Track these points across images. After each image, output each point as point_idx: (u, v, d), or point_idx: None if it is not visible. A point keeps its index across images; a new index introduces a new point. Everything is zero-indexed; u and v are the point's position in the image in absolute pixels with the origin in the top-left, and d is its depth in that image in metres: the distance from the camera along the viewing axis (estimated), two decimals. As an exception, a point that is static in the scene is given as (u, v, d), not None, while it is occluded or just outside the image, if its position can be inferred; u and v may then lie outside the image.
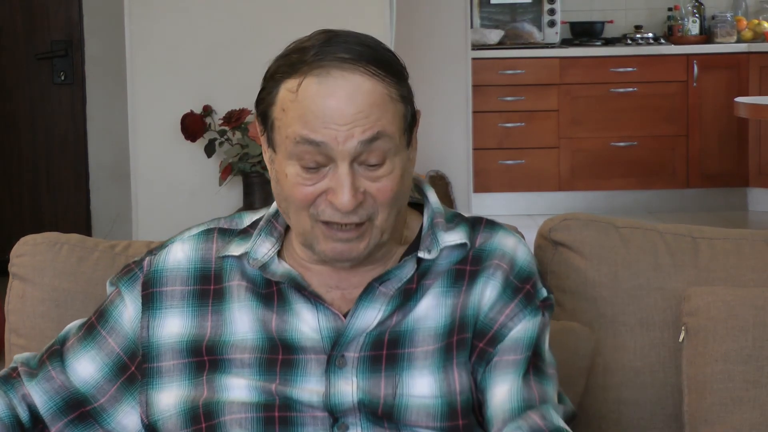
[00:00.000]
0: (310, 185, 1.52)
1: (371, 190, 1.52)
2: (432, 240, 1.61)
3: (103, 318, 1.66)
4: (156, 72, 3.79)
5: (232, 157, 3.61)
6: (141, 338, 1.63)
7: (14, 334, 1.91)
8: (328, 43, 1.52)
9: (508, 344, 1.60)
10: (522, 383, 1.59)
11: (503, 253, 1.63)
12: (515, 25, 7.81)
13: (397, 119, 1.53)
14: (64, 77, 5.81)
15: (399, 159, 1.54)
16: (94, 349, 1.65)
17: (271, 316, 1.59)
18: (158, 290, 1.64)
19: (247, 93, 3.73)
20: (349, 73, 1.50)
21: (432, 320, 1.59)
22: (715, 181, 7.58)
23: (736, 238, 1.99)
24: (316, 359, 1.57)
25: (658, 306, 1.94)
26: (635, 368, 1.92)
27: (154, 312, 1.63)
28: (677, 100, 7.55)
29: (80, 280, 1.89)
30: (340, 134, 1.49)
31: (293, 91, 1.51)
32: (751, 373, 1.84)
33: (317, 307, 1.58)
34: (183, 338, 1.61)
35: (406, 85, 1.56)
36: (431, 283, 1.60)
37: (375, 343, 1.57)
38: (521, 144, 7.58)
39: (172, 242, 1.68)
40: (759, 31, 7.76)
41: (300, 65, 1.52)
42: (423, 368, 1.57)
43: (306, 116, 1.50)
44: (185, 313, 1.62)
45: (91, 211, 5.97)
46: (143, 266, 1.66)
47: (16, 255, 1.93)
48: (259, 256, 1.61)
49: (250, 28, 3.75)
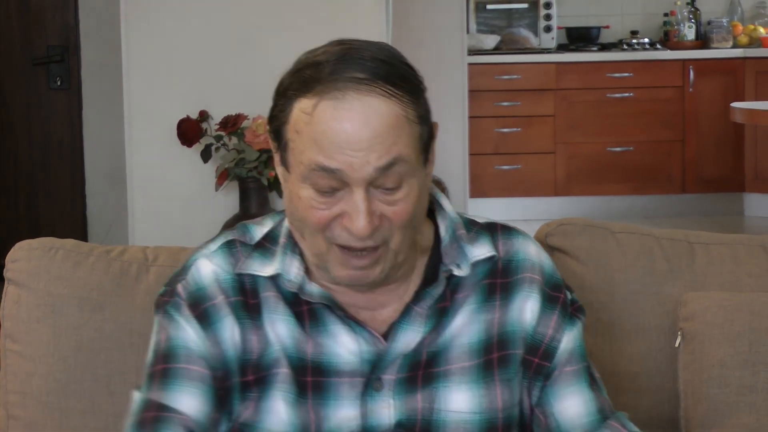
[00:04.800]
0: (325, 209, 1.47)
1: (387, 213, 1.48)
2: (459, 253, 1.57)
3: (172, 355, 1.54)
4: (152, 77, 3.79)
5: (228, 163, 3.61)
6: (218, 355, 1.54)
7: (9, 340, 1.90)
8: (343, 59, 1.46)
9: (564, 356, 1.61)
10: (592, 394, 1.61)
11: (532, 264, 1.62)
12: (511, 30, 7.81)
13: (413, 141, 1.48)
14: (60, 82, 5.81)
15: (416, 180, 1.49)
16: (186, 383, 1.53)
17: (305, 337, 1.54)
18: (210, 304, 1.55)
19: (243, 98, 3.75)
20: (366, 95, 1.44)
21: (467, 336, 1.57)
22: (712, 187, 7.58)
23: (732, 244, 1.99)
24: (350, 382, 1.53)
25: (655, 311, 1.94)
26: (631, 373, 1.92)
27: (216, 325, 1.54)
28: (673, 106, 7.55)
29: (75, 285, 1.89)
30: (356, 161, 1.44)
31: (308, 113, 1.46)
32: (748, 378, 1.84)
33: (355, 330, 1.54)
34: (238, 353, 1.54)
35: (424, 102, 1.51)
36: (464, 297, 1.58)
37: (412, 364, 1.55)
38: (517, 149, 7.58)
39: (195, 261, 1.59)
40: (755, 37, 7.77)
41: (314, 84, 1.46)
42: (461, 383, 1.56)
43: (321, 141, 1.45)
44: (237, 325, 1.54)
45: (87, 217, 5.96)
46: (178, 293, 1.57)
47: (11, 260, 1.92)
48: (292, 277, 1.55)
49: (247, 34, 3.75)
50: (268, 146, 3.54)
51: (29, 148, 5.98)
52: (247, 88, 3.71)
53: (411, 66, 1.52)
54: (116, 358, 1.85)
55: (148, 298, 1.86)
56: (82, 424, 1.85)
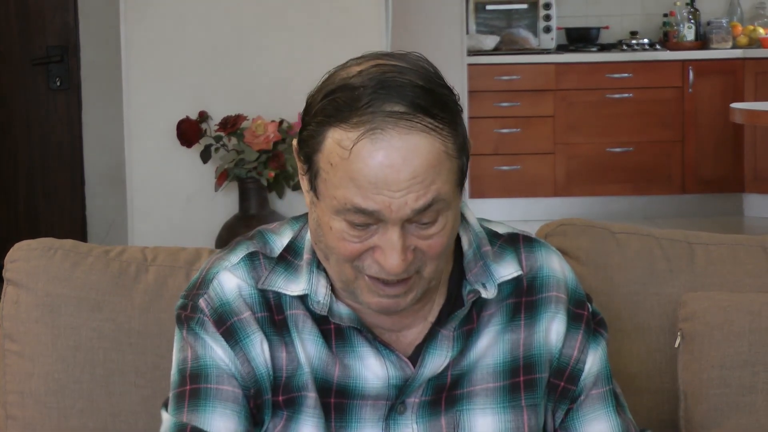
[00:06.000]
0: (357, 242, 1.42)
1: (422, 247, 1.42)
2: (484, 272, 1.52)
3: (201, 375, 1.50)
4: (152, 78, 3.79)
5: (227, 163, 3.61)
6: (248, 374, 1.50)
7: (8, 340, 1.90)
8: (381, 87, 1.39)
9: (590, 379, 1.58)
10: (619, 419, 1.59)
11: (558, 281, 1.58)
12: (511, 30, 7.81)
13: (452, 176, 1.42)
14: (59, 83, 5.80)
15: (451, 212, 1.44)
16: (219, 406, 1.49)
17: (332, 358, 1.50)
18: (237, 319, 1.50)
19: (242, 99, 3.75)
20: (405, 133, 1.37)
21: (491, 357, 1.54)
22: (711, 187, 7.58)
23: (731, 244, 1.99)
24: (373, 405, 1.50)
25: (654, 311, 1.93)
26: (631, 373, 1.92)
27: (245, 342, 1.50)
28: (673, 106, 7.55)
29: (74, 286, 1.89)
30: (394, 202, 1.38)
31: (345, 148, 1.38)
32: (747, 379, 1.84)
33: (383, 353, 1.50)
34: (269, 370, 1.50)
35: (462, 129, 1.45)
36: (489, 316, 1.54)
37: (436, 387, 1.52)
38: (517, 150, 7.58)
39: (216, 273, 1.53)
40: (754, 37, 7.77)
41: (350, 114, 1.39)
42: (485, 407, 1.53)
43: (357, 180, 1.38)
44: (264, 341, 1.50)
45: (86, 217, 5.96)
46: (201, 308, 1.51)
47: (10, 260, 1.92)
48: (321, 298, 1.49)
49: (246, 34, 3.75)
50: (267, 147, 3.54)
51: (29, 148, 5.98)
52: (246, 88, 3.71)
53: (448, 87, 1.46)
54: (115, 358, 1.85)
55: (147, 298, 1.86)
56: (80, 424, 1.85)
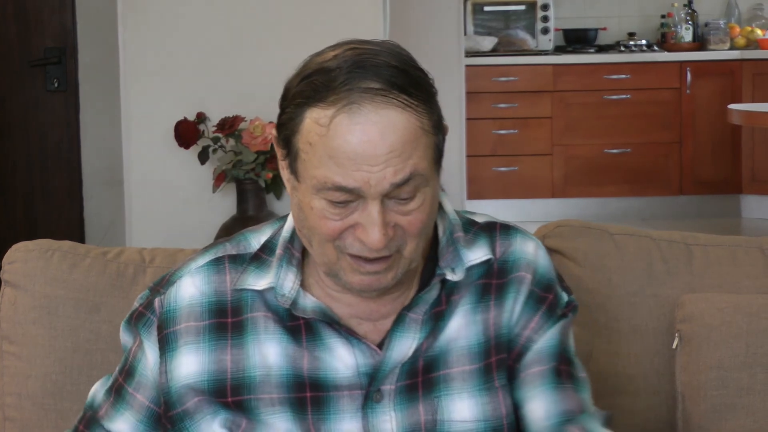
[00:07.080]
0: (338, 220, 1.44)
1: (402, 223, 1.45)
2: (454, 257, 1.54)
3: (129, 376, 1.59)
4: (149, 79, 3.78)
5: (225, 164, 3.61)
6: (161, 385, 1.56)
7: (6, 341, 1.90)
8: (357, 67, 1.42)
9: (532, 357, 1.56)
10: (556, 396, 1.56)
11: (527, 263, 1.58)
12: (509, 32, 7.82)
13: (429, 152, 1.45)
14: (57, 84, 5.80)
15: (429, 189, 1.47)
16: (128, 410, 1.58)
17: (301, 352, 1.52)
18: (172, 330, 1.55)
19: (240, 100, 3.75)
20: (382, 108, 1.41)
21: (464, 339, 1.54)
22: (709, 188, 7.59)
23: (729, 245, 1.99)
24: (350, 396, 1.51)
25: (652, 313, 1.93)
26: (629, 375, 1.92)
27: (170, 354, 1.55)
28: (671, 107, 7.56)
29: (72, 287, 1.89)
30: (373, 177, 1.41)
31: (323, 125, 1.42)
32: (745, 380, 1.84)
33: (352, 343, 1.51)
34: (203, 377, 1.53)
35: (437, 108, 1.48)
36: (459, 299, 1.55)
37: (410, 372, 1.52)
38: (515, 151, 7.58)
39: (180, 277, 1.58)
40: (752, 39, 7.77)
41: (326, 93, 1.42)
42: (462, 390, 1.53)
43: (336, 157, 1.41)
44: (201, 349, 1.54)
45: (84, 218, 5.96)
46: (155, 308, 1.57)
47: (8, 262, 1.92)
48: (286, 291, 1.52)
49: (244, 36, 3.75)
50: (265, 148, 3.54)
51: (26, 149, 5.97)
52: (244, 89, 3.71)
53: (422, 69, 1.49)
54: (112, 360, 1.85)
55: (145, 300, 1.86)
56: (78, 426, 1.85)
